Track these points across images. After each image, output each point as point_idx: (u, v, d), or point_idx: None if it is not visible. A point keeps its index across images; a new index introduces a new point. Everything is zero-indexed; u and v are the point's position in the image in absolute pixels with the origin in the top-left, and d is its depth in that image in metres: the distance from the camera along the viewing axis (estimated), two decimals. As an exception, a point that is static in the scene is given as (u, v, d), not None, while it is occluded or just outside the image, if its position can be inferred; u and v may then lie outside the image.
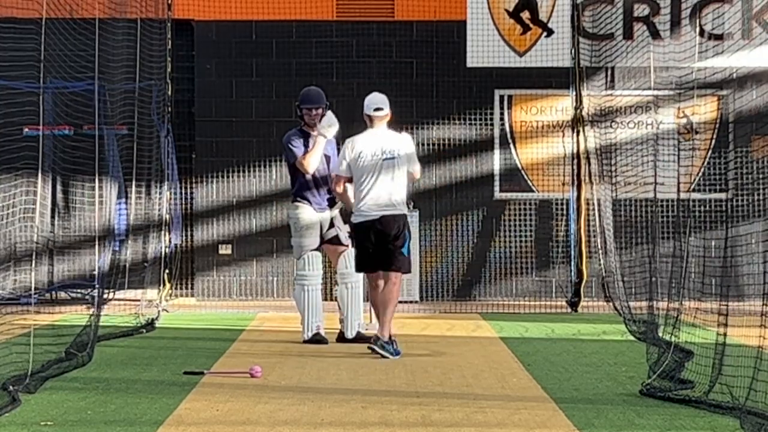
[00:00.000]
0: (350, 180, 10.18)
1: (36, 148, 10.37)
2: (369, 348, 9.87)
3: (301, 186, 10.87)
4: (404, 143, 10.12)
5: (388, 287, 10.00)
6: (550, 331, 12.06)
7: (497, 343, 11.01)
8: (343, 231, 10.90)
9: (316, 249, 10.87)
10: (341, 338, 10.88)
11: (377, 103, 10.14)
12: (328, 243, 10.92)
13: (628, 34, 15.30)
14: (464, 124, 15.66)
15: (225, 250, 15.70)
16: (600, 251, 14.28)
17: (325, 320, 11.00)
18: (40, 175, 10.08)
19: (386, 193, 9.96)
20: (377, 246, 9.97)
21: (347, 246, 10.85)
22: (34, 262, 12.52)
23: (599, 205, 14.12)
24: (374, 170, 9.97)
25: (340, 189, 10.31)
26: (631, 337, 11.06)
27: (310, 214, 10.77)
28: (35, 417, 6.85)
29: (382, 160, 9.98)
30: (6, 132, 11.39)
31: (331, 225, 10.89)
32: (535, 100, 15.72)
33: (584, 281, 14.54)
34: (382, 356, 9.65)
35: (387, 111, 10.15)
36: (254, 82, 15.74)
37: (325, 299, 11.93)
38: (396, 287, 10.05)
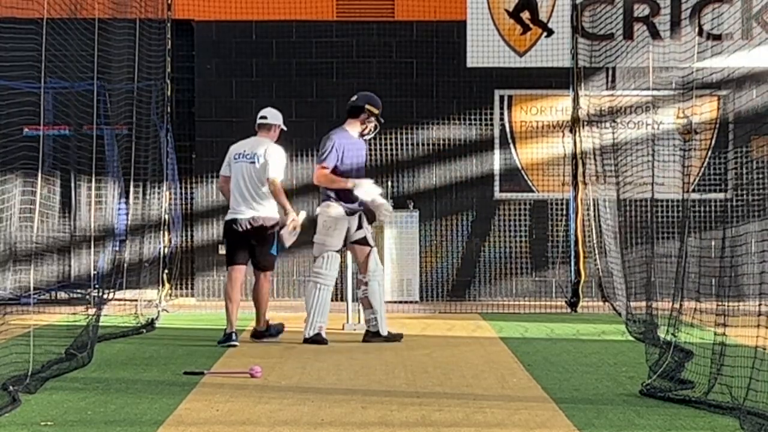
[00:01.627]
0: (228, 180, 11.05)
1: (35, 148, 10.37)
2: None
3: None
4: (269, 151, 10.85)
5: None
6: (549, 331, 12.06)
7: (497, 343, 11.01)
8: (369, 232, 10.99)
9: (337, 250, 10.93)
10: (369, 336, 10.91)
11: (263, 112, 11.15)
12: (356, 244, 10.94)
13: (628, 34, 15.31)
14: (464, 124, 15.67)
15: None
16: (597, 251, 14.28)
17: (329, 321, 11.01)
18: (40, 175, 10.07)
19: (249, 195, 10.83)
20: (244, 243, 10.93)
21: (373, 246, 11.03)
22: (33, 262, 12.52)
23: (597, 205, 14.12)
24: (241, 172, 10.88)
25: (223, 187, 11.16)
26: (631, 337, 11.07)
27: (341, 214, 10.78)
28: (35, 417, 6.86)
29: (248, 162, 10.89)
30: (6, 132, 11.40)
31: (359, 226, 10.94)
32: (535, 100, 15.72)
33: (582, 281, 14.54)
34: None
35: (270, 122, 11.04)
36: (254, 82, 15.75)
37: (334, 299, 11.93)
38: (264, 283, 11.17)
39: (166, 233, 14.10)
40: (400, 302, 15.12)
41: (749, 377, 6.58)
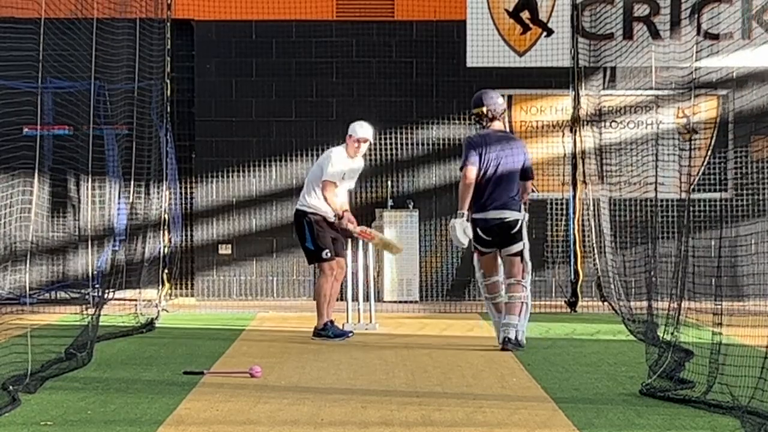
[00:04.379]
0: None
1: (35, 147, 10.37)
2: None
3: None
4: (326, 152, 11.39)
5: None
6: (549, 330, 12.06)
7: (496, 342, 10.99)
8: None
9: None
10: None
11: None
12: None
13: (628, 34, 15.30)
14: (464, 124, 15.65)
15: (225, 250, 15.71)
16: (595, 251, 14.27)
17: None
18: (36, 175, 10.06)
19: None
20: None
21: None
22: (32, 262, 12.53)
23: (595, 205, 14.12)
24: None
25: None
26: (631, 337, 11.06)
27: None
28: (35, 417, 6.85)
29: None
30: (5, 132, 11.40)
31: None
32: (535, 100, 15.71)
33: (580, 281, 14.54)
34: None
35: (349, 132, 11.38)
36: (254, 82, 15.74)
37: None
38: (318, 279, 11.38)
39: (166, 233, 14.10)
40: (400, 302, 15.12)
41: (751, 377, 6.56)
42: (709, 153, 15.55)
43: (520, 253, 10.40)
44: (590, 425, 6.64)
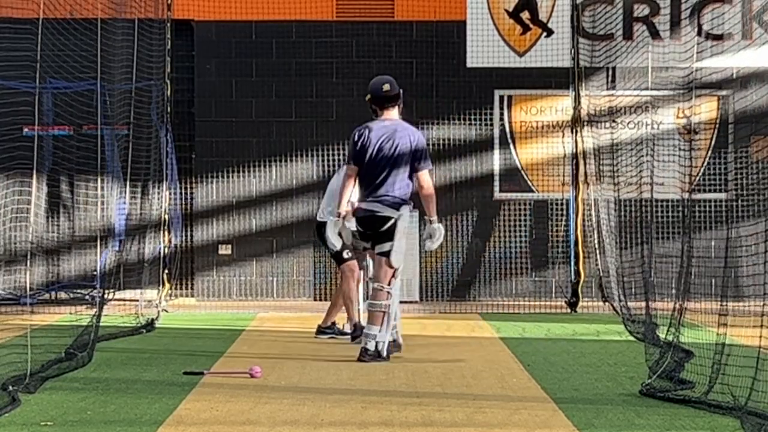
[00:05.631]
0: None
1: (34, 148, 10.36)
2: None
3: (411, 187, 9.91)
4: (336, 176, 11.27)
5: None
6: (549, 331, 12.06)
7: (497, 343, 11.01)
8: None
9: None
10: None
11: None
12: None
13: (627, 34, 15.30)
14: (464, 124, 15.66)
15: (225, 250, 15.71)
16: (597, 251, 14.28)
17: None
18: (34, 175, 10.05)
19: None
20: None
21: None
22: (32, 262, 12.52)
23: (596, 205, 14.12)
24: None
25: None
26: (630, 337, 11.06)
27: None
28: (35, 417, 6.85)
29: None
30: (4, 132, 11.40)
31: None
32: (535, 100, 15.71)
33: (581, 281, 14.54)
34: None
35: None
36: (254, 82, 15.74)
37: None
38: (341, 285, 11.18)
39: (166, 233, 14.10)
40: (400, 302, 15.06)
41: (752, 377, 6.56)
42: (709, 153, 15.55)
43: (388, 254, 9.54)
44: (590, 425, 6.63)
